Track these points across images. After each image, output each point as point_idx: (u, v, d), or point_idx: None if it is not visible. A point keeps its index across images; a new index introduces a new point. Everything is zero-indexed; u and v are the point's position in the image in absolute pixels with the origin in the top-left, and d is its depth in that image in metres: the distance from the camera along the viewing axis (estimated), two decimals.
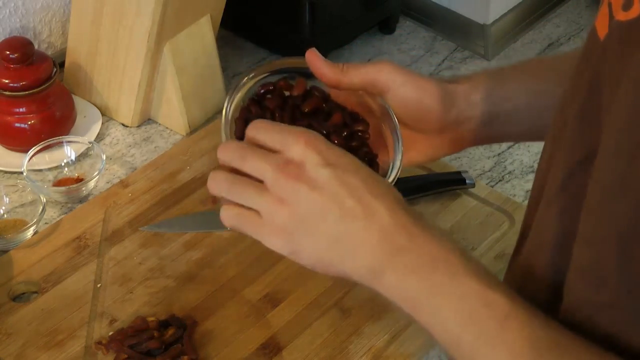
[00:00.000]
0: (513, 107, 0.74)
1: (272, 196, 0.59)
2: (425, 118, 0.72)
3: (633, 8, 0.47)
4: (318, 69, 0.70)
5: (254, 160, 0.60)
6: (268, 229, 0.60)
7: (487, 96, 0.73)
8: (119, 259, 0.94)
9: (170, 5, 1.04)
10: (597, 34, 0.52)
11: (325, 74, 0.70)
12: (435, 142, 0.75)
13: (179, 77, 1.10)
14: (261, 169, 0.60)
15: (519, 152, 1.16)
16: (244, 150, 0.61)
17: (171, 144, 1.12)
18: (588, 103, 0.51)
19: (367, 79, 0.70)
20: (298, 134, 0.60)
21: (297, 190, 0.59)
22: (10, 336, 0.85)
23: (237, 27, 1.32)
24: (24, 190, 1.02)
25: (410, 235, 0.59)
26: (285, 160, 0.59)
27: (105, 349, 0.83)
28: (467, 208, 1.01)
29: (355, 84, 0.70)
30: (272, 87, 0.71)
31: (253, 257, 0.94)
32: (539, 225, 0.58)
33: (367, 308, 0.88)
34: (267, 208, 0.60)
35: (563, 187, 0.54)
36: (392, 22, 1.37)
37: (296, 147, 0.59)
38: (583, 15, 1.46)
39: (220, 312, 0.88)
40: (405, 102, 0.71)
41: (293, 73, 0.72)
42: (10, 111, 1.06)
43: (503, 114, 0.74)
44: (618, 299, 0.49)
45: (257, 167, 0.60)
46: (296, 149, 0.59)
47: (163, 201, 1.01)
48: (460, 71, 1.31)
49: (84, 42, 1.13)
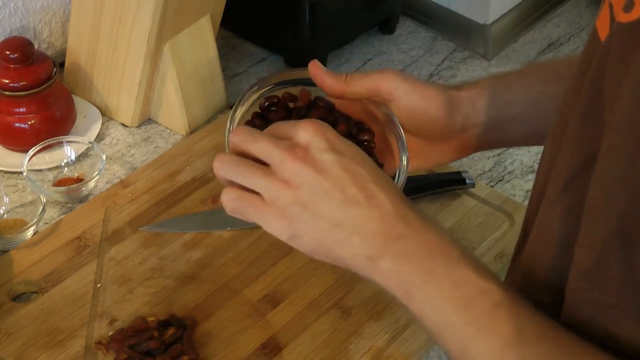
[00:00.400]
0: (518, 112, 0.74)
1: (277, 178, 0.60)
2: (430, 126, 0.72)
3: (634, 10, 0.47)
4: (321, 80, 0.70)
5: (263, 142, 0.61)
6: (270, 212, 0.61)
7: (492, 102, 0.73)
8: (119, 259, 0.94)
9: (170, 5, 1.04)
10: (598, 35, 0.52)
11: (329, 86, 0.70)
12: (441, 148, 0.75)
13: (179, 77, 1.10)
14: (269, 150, 0.61)
15: (519, 152, 1.16)
16: (255, 133, 0.63)
17: (171, 144, 1.12)
18: (590, 104, 0.51)
19: (371, 89, 0.70)
20: (307, 122, 0.62)
21: (303, 172, 0.59)
22: (10, 336, 0.85)
23: (237, 27, 1.32)
24: (24, 190, 1.02)
25: (409, 224, 0.60)
26: (293, 144, 0.60)
27: (105, 349, 0.83)
28: (467, 208, 1.01)
29: (360, 94, 0.70)
30: (276, 100, 0.71)
31: (253, 257, 0.94)
32: (541, 225, 0.59)
33: (367, 308, 0.89)
34: (271, 190, 0.60)
35: (566, 187, 0.54)
36: (392, 22, 1.37)
37: (304, 133, 0.61)
38: (583, 15, 1.46)
39: (220, 312, 0.88)
40: (410, 110, 0.71)
41: (297, 85, 0.72)
42: (10, 111, 1.06)
43: (508, 119, 0.74)
44: (620, 299, 0.49)
45: (266, 149, 0.61)
46: (304, 134, 0.61)
47: (163, 201, 1.01)
48: (460, 71, 1.31)
49: (84, 42, 1.13)
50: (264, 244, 0.95)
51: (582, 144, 0.53)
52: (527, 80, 0.76)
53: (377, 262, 0.60)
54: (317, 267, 0.92)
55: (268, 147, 0.61)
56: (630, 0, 0.47)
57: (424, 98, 0.71)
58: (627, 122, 0.46)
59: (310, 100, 0.71)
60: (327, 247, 0.61)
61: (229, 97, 1.19)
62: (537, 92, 0.75)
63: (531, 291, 0.58)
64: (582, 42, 1.39)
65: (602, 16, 0.52)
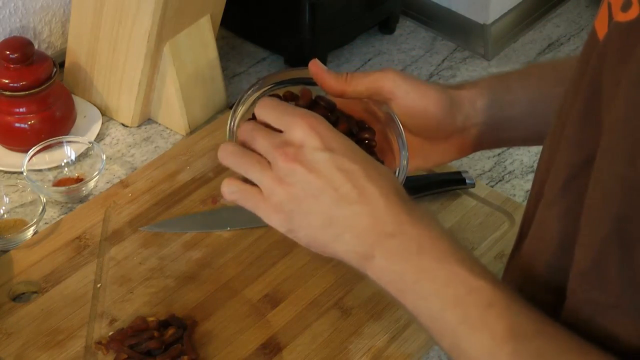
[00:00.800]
0: (519, 112, 0.74)
1: (273, 175, 0.61)
2: (430, 125, 0.72)
3: (632, 9, 0.47)
4: (322, 79, 0.70)
5: (260, 139, 0.62)
6: (267, 205, 0.62)
7: (492, 102, 0.74)
8: (119, 259, 0.94)
9: (170, 5, 1.04)
10: (597, 34, 0.52)
11: (330, 85, 0.70)
12: (442, 148, 0.75)
13: (179, 77, 1.10)
14: (264, 148, 0.62)
15: (519, 152, 1.16)
16: (254, 130, 0.64)
17: (171, 144, 1.12)
18: (589, 104, 0.51)
19: (372, 88, 0.70)
20: (302, 116, 0.62)
21: (294, 171, 0.60)
22: (10, 336, 0.85)
23: (237, 27, 1.32)
24: (24, 190, 1.02)
25: (400, 221, 0.60)
26: (285, 142, 0.61)
27: (105, 349, 0.83)
28: (467, 208, 1.01)
29: (360, 93, 0.71)
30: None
31: (253, 257, 0.94)
32: (539, 225, 0.59)
33: (367, 308, 0.89)
34: (268, 185, 0.62)
35: (565, 188, 0.54)
36: (392, 22, 1.37)
37: (298, 130, 0.61)
38: (583, 15, 1.46)
39: (220, 312, 0.88)
40: (410, 110, 0.71)
41: (297, 84, 0.72)
42: (10, 111, 1.06)
43: (509, 119, 0.74)
44: (619, 299, 0.49)
45: (262, 146, 0.62)
46: (298, 131, 0.61)
47: (163, 201, 1.01)
48: (460, 71, 1.31)
49: (84, 42, 1.13)
50: (264, 244, 0.95)
51: (580, 144, 0.53)
52: (527, 81, 0.76)
53: (369, 259, 0.60)
54: (317, 267, 0.92)
55: (263, 144, 0.62)
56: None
57: (424, 97, 0.72)
58: (624, 122, 0.46)
59: (312, 100, 0.71)
60: (322, 243, 0.62)
61: (229, 97, 1.19)
62: (537, 92, 0.75)
63: (530, 290, 0.58)
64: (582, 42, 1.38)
65: (601, 16, 0.52)
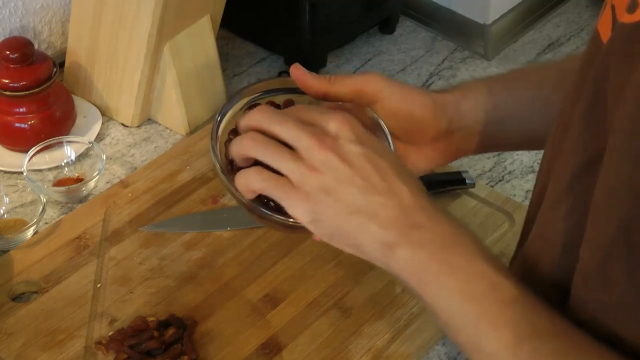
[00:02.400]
0: (505, 115, 0.74)
1: (305, 163, 0.61)
2: (415, 129, 0.72)
3: (638, 10, 0.47)
4: (304, 81, 0.69)
5: (291, 125, 0.62)
6: (296, 194, 0.61)
7: (475, 105, 0.73)
8: (119, 259, 0.94)
9: (170, 5, 1.04)
10: (600, 37, 0.52)
11: (312, 86, 0.69)
12: (428, 152, 0.74)
13: (179, 77, 1.10)
14: (298, 135, 0.61)
15: (519, 152, 1.16)
16: (283, 116, 0.63)
17: (171, 144, 1.12)
18: (593, 105, 0.51)
19: (355, 90, 0.70)
20: (336, 112, 0.63)
21: (329, 160, 0.60)
22: (10, 336, 0.85)
23: (237, 27, 1.32)
24: (24, 190, 1.02)
25: (428, 215, 0.61)
26: (322, 131, 0.61)
27: (105, 349, 0.83)
28: (467, 208, 1.01)
29: (343, 95, 0.70)
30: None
31: (253, 257, 0.94)
32: (542, 226, 0.59)
33: (367, 308, 0.89)
34: (299, 174, 0.61)
35: (569, 188, 0.54)
36: (392, 22, 1.37)
37: (333, 122, 0.62)
38: (583, 15, 1.46)
39: (220, 312, 0.88)
40: (394, 113, 0.71)
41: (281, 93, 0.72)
42: (10, 111, 1.06)
43: (494, 122, 0.74)
44: (625, 299, 0.49)
45: (294, 133, 0.61)
46: (333, 123, 0.61)
47: (163, 201, 1.01)
48: (460, 71, 1.31)
49: (84, 42, 1.13)
50: (264, 244, 0.95)
51: (583, 146, 0.53)
52: (514, 85, 0.76)
53: (393, 249, 0.60)
54: (317, 267, 0.92)
55: (296, 131, 0.61)
56: (634, 0, 0.47)
57: (408, 99, 0.71)
58: (631, 123, 0.46)
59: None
60: (346, 233, 0.61)
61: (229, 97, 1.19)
62: (525, 97, 0.74)
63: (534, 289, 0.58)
64: (582, 42, 1.39)
65: (604, 18, 0.52)
